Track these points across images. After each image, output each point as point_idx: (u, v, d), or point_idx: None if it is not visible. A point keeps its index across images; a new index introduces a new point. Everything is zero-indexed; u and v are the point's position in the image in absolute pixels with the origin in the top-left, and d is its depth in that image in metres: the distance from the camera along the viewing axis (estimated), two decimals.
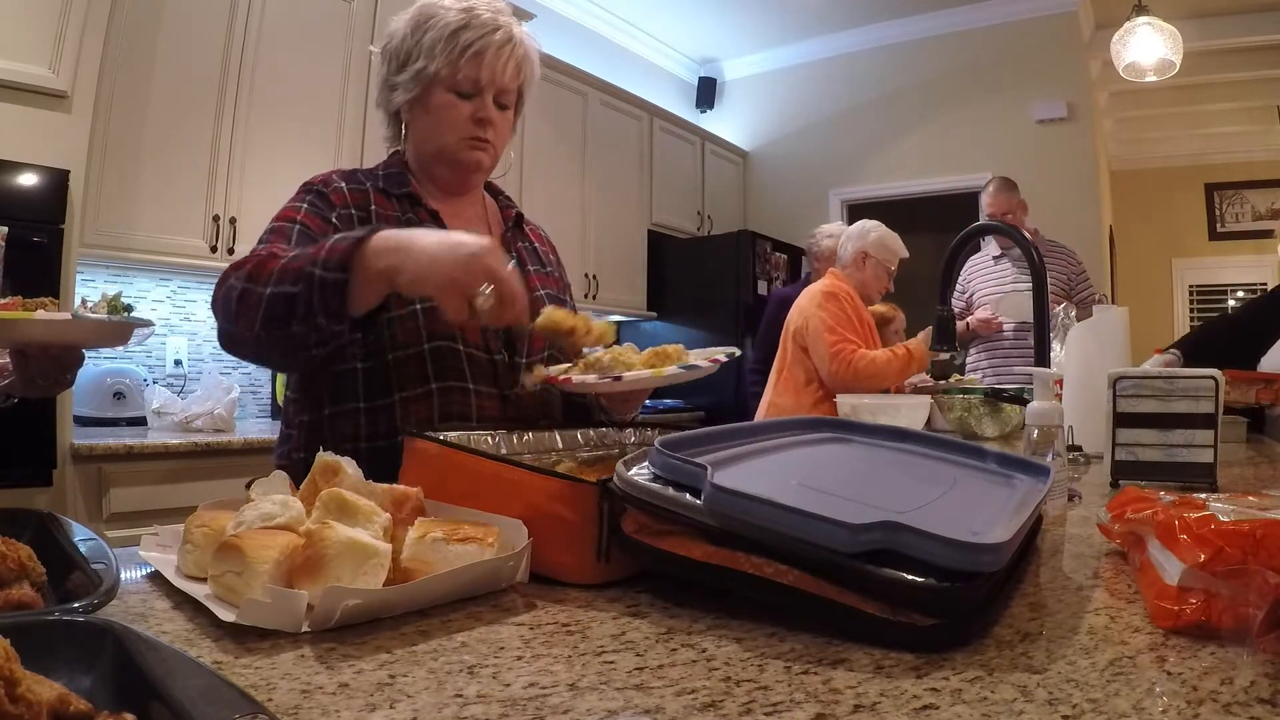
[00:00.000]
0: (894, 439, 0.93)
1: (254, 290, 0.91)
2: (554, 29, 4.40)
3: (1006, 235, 1.55)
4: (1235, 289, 6.51)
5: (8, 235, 2.05)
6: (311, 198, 1.13)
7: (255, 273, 0.92)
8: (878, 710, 0.42)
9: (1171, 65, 3.70)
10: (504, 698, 0.44)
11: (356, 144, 3.09)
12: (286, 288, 0.89)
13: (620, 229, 4.56)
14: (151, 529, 0.74)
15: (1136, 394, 1.12)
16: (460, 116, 1.14)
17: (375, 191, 1.16)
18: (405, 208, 1.16)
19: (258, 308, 0.90)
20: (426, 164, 1.21)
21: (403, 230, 0.89)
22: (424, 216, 1.17)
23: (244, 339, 0.95)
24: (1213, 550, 0.52)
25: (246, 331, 0.93)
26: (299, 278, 0.88)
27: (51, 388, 1.01)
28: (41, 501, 2.09)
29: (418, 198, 1.17)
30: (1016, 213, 3.43)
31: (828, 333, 2.60)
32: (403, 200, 1.17)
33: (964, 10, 4.83)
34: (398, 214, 1.15)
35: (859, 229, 2.86)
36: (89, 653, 0.40)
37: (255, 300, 0.90)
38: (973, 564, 0.51)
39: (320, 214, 1.10)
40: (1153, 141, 6.41)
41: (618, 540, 0.64)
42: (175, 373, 2.95)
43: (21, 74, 2.14)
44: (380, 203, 1.16)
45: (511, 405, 1.15)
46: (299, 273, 0.88)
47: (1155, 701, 0.42)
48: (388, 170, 1.20)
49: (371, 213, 1.13)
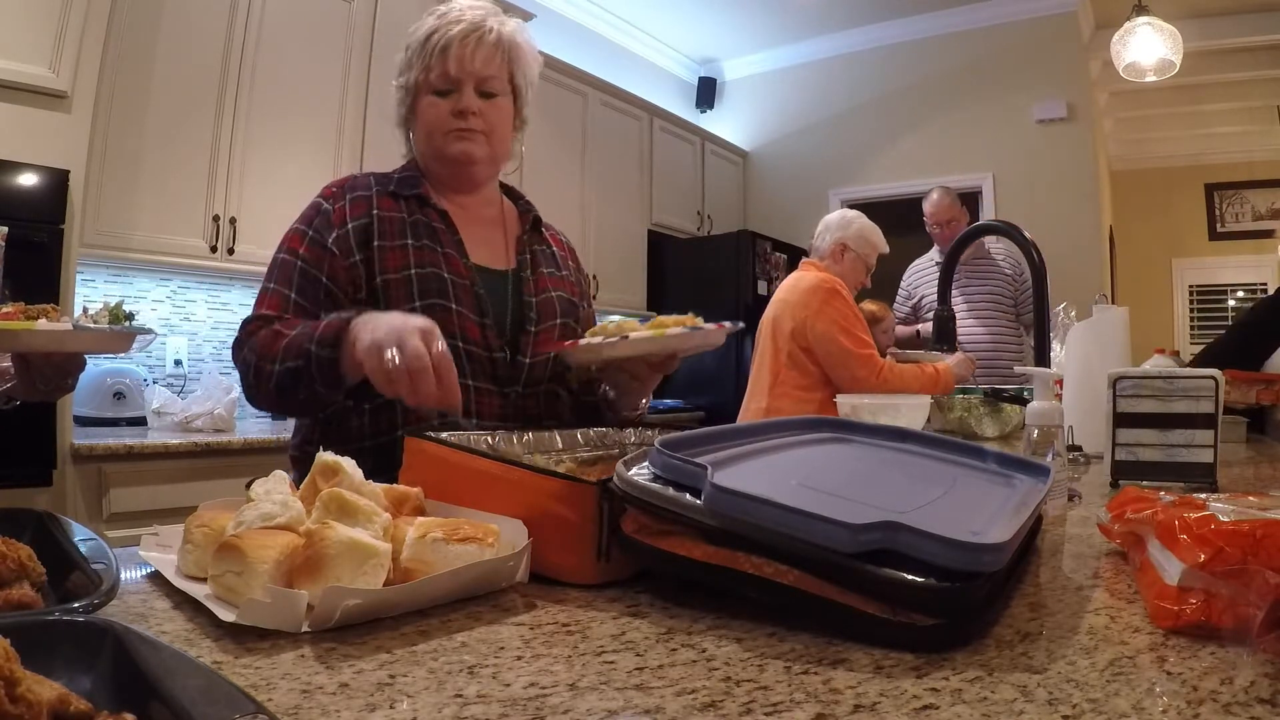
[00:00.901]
0: (894, 439, 0.93)
1: (265, 367, 1.06)
2: (554, 29, 4.40)
3: (1006, 235, 1.55)
4: (1235, 289, 6.52)
5: (8, 235, 2.04)
6: (317, 221, 1.16)
7: (265, 351, 1.06)
8: (878, 710, 0.42)
9: (1171, 65, 3.70)
10: (504, 698, 0.44)
11: (356, 144, 3.09)
12: (291, 363, 1.02)
13: (620, 229, 4.56)
14: (151, 529, 0.74)
15: (1136, 394, 1.12)
16: (441, 113, 1.18)
17: (383, 196, 1.19)
18: (414, 208, 1.19)
19: (270, 380, 1.05)
20: (429, 168, 1.24)
21: (378, 314, 0.98)
22: (433, 216, 1.19)
23: (263, 404, 1.13)
24: (1213, 550, 0.52)
25: (265, 399, 1.10)
26: (300, 354, 1.01)
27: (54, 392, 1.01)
28: (41, 501, 2.09)
29: (426, 198, 1.20)
30: (959, 220, 3.46)
31: (843, 336, 2.47)
32: (411, 201, 1.19)
33: (964, 10, 4.83)
34: (403, 215, 1.17)
35: (839, 218, 2.73)
36: (89, 653, 0.40)
37: (268, 375, 1.05)
38: (973, 564, 0.51)
39: (319, 243, 1.15)
40: (1153, 141, 6.42)
41: (618, 540, 0.64)
42: (175, 373, 2.95)
43: (21, 74, 2.14)
44: (386, 206, 1.18)
45: (512, 404, 1.16)
46: (300, 350, 1.01)
47: (1155, 701, 0.42)
48: (403, 174, 1.24)
49: (374, 218, 1.15)
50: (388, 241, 1.14)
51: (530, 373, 1.18)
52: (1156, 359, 1.70)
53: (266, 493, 0.68)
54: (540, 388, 1.21)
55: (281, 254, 1.16)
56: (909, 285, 3.69)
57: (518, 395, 1.17)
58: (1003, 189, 4.74)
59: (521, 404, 1.17)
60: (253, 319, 1.12)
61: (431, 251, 1.15)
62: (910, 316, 3.64)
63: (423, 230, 1.17)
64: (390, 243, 1.14)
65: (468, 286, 1.15)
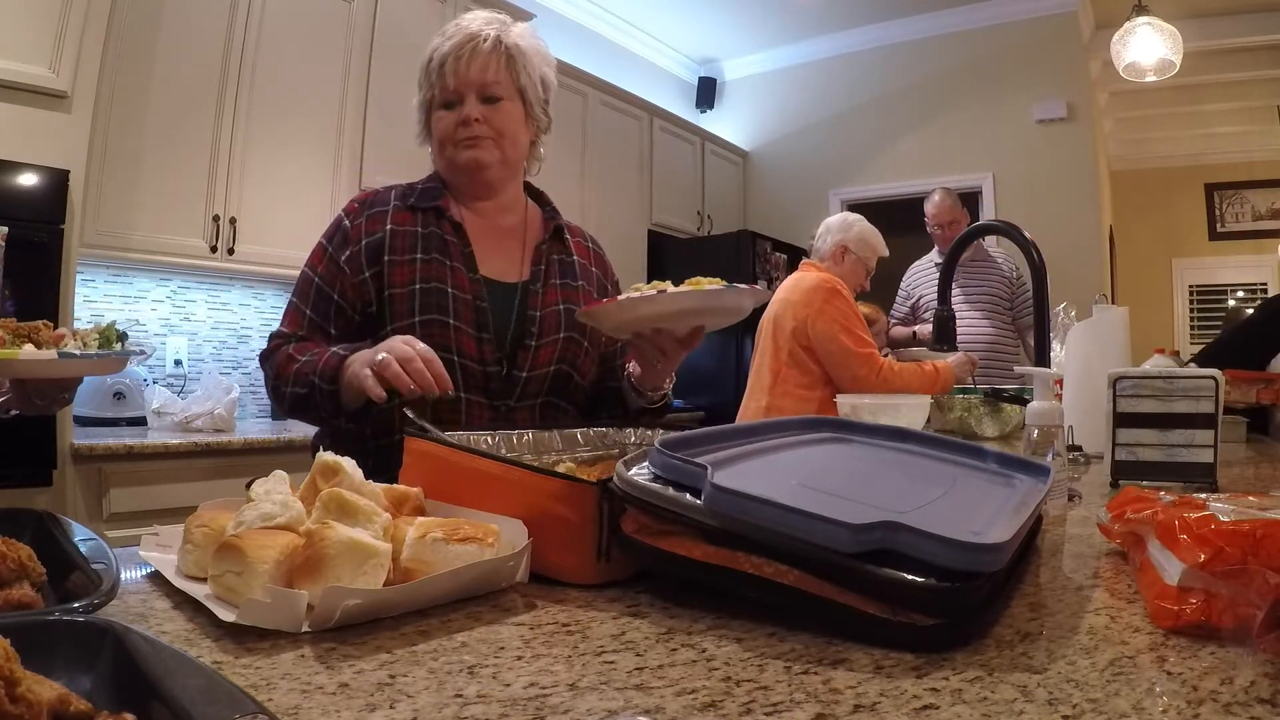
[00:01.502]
0: (894, 439, 0.93)
1: (281, 389, 1.16)
2: (554, 29, 4.40)
3: (1006, 235, 1.55)
4: (1235, 289, 6.51)
5: (8, 235, 2.03)
6: (337, 238, 1.23)
7: (281, 372, 1.16)
8: (878, 710, 0.42)
9: (1171, 65, 3.70)
10: (504, 698, 0.44)
11: (356, 144, 3.08)
12: (300, 390, 1.12)
13: (620, 229, 4.55)
14: (151, 529, 0.74)
15: (1136, 394, 1.12)
16: (449, 125, 1.22)
17: (400, 211, 1.23)
18: (430, 221, 1.23)
19: (285, 401, 1.17)
20: (448, 179, 1.29)
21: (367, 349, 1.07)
22: (447, 229, 1.23)
23: (286, 416, 1.25)
24: (1213, 550, 0.52)
25: (286, 413, 1.19)
26: (306, 383, 1.11)
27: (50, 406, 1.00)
28: (41, 501, 2.09)
29: (443, 210, 1.24)
30: (960, 221, 3.47)
31: (844, 335, 2.48)
32: (429, 214, 1.24)
33: (964, 10, 4.83)
34: (417, 228, 1.22)
35: (840, 221, 2.76)
36: (89, 653, 0.39)
37: (284, 395, 1.16)
38: (973, 564, 0.51)
39: (335, 260, 1.22)
40: (1153, 141, 6.42)
41: (618, 540, 0.64)
42: (175, 373, 2.95)
43: (21, 74, 2.14)
44: (402, 220, 1.22)
45: (502, 417, 1.18)
46: (306, 379, 1.11)
47: (1155, 701, 0.42)
48: (426, 184, 1.28)
49: (387, 233, 1.20)
50: (398, 256, 1.19)
51: (525, 386, 1.20)
52: (1156, 359, 1.70)
53: (266, 493, 0.68)
54: (536, 401, 1.23)
55: (306, 269, 1.24)
56: (908, 286, 3.70)
57: (508, 409, 1.19)
58: (1003, 189, 4.74)
59: (511, 417, 1.19)
60: (276, 334, 1.23)
61: (439, 265, 1.19)
62: (909, 317, 3.64)
63: (434, 244, 1.21)
64: (400, 257, 1.19)
65: (469, 301, 1.19)
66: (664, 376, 1.24)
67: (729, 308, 1.10)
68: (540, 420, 1.22)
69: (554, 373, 1.22)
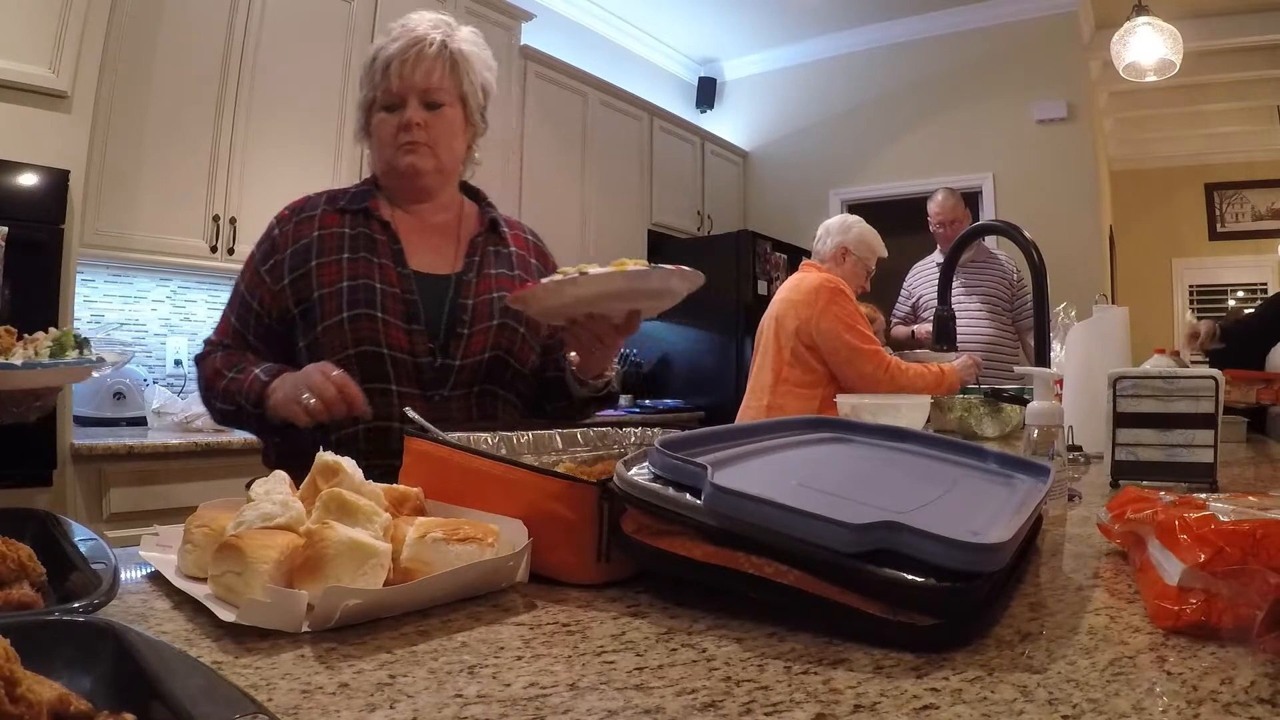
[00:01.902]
0: (894, 439, 0.93)
1: (211, 401, 1.22)
2: (554, 29, 4.40)
3: (1006, 235, 1.55)
4: (1235, 289, 6.51)
5: (8, 235, 2.03)
6: (264, 247, 1.26)
7: (210, 383, 1.21)
8: (878, 710, 0.42)
9: (1171, 65, 3.70)
10: (504, 698, 0.44)
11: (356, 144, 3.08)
12: (228, 407, 1.18)
13: (620, 229, 4.55)
14: (151, 529, 0.74)
15: (1136, 394, 1.12)
16: (389, 128, 1.24)
17: (329, 214, 1.25)
18: (358, 222, 1.25)
19: (214, 411, 1.23)
20: (384, 181, 1.30)
21: (286, 375, 1.13)
22: (375, 228, 1.24)
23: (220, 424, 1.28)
24: (1213, 550, 0.52)
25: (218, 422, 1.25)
26: (233, 401, 1.16)
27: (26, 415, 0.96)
28: (41, 501, 2.09)
29: (372, 211, 1.25)
30: (963, 220, 3.47)
31: (849, 334, 2.48)
32: (357, 215, 1.25)
33: (964, 10, 4.83)
34: (345, 229, 1.23)
35: (840, 222, 2.77)
36: (89, 653, 0.39)
37: (213, 408, 1.22)
38: (973, 564, 0.51)
39: (258, 270, 1.25)
40: (1153, 141, 6.42)
41: (618, 540, 0.64)
42: (175, 373, 2.95)
43: (21, 74, 2.14)
44: (331, 223, 1.24)
45: (436, 407, 1.18)
46: (233, 398, 1.16)
47: (1155, 701, 0.42)
48: (358, 189, 1.30)
49: (314, 237, 1.23)
50: (326, 257, 1.21)
51: (459, 375, 1.21)
52: (1156, 359, 1.70)
53: (266, 493, 0.68)
54: (472, 389, 1.23)
55: (237, 278, 1.28)
56: (910, 286, 3.70)
57: (442, 398, 1.19)
58: (1003, 189, 4.74)
59: (446, 406, 1.19)
60: (206, 341, 1.28)
61: (366, 263, 1.21)
62: (909, 316, 3.65)
63: (362, 243, 1.22)
64: (328, 258, 1.21)
65: (397, 294, 1.20)
66: (604, 364, 1.23)
67: (658, 289, 1.07)
68: (477, 409, 1.23)
69: (489, 360, 1.23)
